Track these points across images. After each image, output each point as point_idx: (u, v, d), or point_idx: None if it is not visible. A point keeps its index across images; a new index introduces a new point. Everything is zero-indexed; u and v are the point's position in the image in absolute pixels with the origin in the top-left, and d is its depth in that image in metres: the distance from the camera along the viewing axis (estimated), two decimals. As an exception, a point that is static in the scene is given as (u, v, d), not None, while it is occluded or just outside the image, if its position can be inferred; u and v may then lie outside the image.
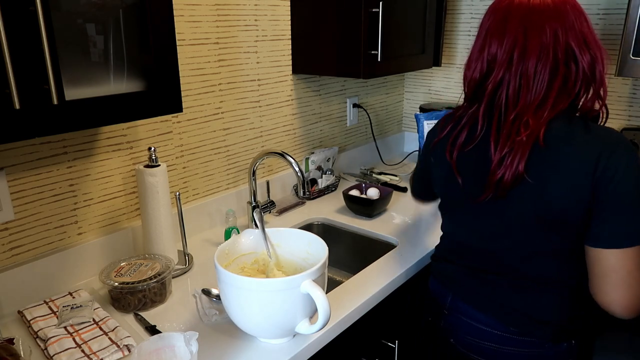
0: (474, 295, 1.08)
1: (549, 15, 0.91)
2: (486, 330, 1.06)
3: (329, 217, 1.64)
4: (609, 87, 1.79)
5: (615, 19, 1.72)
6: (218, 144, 1.52)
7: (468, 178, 1.02)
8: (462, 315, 1.10)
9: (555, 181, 0.90)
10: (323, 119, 1.93)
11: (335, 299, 1.14)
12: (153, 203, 1.22)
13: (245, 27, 1.52)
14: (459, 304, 1.11)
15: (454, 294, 1.12)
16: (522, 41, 0.92)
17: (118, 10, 0.91)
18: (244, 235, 1.11)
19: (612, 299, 0.90)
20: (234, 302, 0.94)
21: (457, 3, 2.07)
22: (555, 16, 0.91)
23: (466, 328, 1.10)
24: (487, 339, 1.07)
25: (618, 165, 0.86)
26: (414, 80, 2.33)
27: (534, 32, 0.92)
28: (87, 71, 0.89)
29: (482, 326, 1.07)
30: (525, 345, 1.03)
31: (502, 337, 1.04)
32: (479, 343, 1.08)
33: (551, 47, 0.91)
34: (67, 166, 1.19)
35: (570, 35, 0.91)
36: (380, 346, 1.29)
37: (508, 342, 1.04)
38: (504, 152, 0.93)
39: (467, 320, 1.09)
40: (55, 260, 1.18)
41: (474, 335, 1.09)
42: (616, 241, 0.87)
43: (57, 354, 0.94)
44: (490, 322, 1.05)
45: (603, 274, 0.90)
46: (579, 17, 0.92)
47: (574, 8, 0.93)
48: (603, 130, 0.92)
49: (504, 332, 1.04)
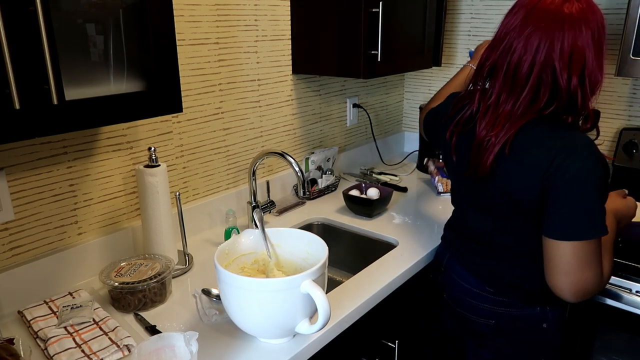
0: (463, 258, 1.22)
1: (562, 25, 0.94)
2: (469, 288, 1.19)
3: (329, 217, 1.64)
4: (609, 88, 1.79)
5: (615, 19, 1.72)
6: (218, 144, 1.52)
7: (460, 156, 1.13)
8: (453, 273, 1.24)
9: (515, 175, 1.01)
10: (323, 119, 1.93)
11: (335, 299, 1.14)
12: (153, 203, 1.22)
13: (245, 27, 1.52)
14: (453, 263, 1.25)
15: (450, 254, 1.27)
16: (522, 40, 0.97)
17: (118, 10, 0.91)
18: (244, 235, 1.11)
19: (554, 283, 0.99)
20: (234, 302, 0.94)
21: (457, 3, 2.07)
22: (567, 27, 0.94)
23: (455, 285, 1.23)
24: (470, 296, 1.19)
25: (571, 166, 0.93)
26: (414, 80, 2.33)
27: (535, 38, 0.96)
28: (87, 71, 0.89)
29: (465, 284, 1.20)
30: (500, 305, 1.15)
31: (481, 295, 1.17)
32: (464, 299, 1.21)
33: (539, 57, 0.96)
34: (67, 166, 1.19)
35: (563, 51, 0.94)
36: (380, 346, 1.29)
37: (486, 300, 1.16)
38: (485, 134, 1.03)
39: (456, 278, 1.23)
40: (55, 260, 1.18)
41: (460, 291, 1.22)
42: (555, 234, 0.96)
43: (57, 354, 0.94)
44: (472, 281, 1.19)
45: (548, 258, 1.00)
46: (593, 36, 0.95)
47: (595, 24, 0.95)
48: (570, 134, 0.97)
49: (482, 291, 1.17)
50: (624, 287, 1.34)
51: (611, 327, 1.41)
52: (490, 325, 1.17)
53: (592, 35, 0.94)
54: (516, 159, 1.00)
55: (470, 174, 1.08)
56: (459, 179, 1.19)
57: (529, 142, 0.99)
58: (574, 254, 0.95)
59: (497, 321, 1.16)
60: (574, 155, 0.93)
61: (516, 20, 0.99)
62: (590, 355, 1.48)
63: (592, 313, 1.41)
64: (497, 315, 1.16)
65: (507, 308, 1.14)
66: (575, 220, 0.94)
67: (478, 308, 1.18)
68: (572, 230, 0.94)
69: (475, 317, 1.20)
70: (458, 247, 1.24)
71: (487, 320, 1.17)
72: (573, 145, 0.94)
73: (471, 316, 1.20)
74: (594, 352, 1.47)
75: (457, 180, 1.22)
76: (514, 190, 1.02)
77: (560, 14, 0.94)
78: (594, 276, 0.96)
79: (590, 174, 0.93)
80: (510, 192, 1.03)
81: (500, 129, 1.00)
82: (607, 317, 1.39)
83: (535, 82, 0.97)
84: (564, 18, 0.94)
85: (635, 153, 1.71)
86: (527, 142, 0.99)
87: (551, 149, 0.95)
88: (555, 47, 0.94)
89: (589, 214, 0.94)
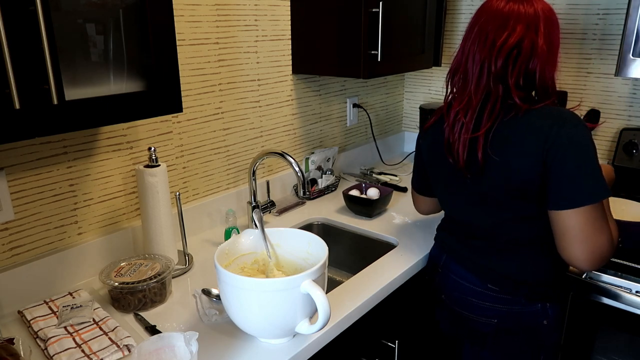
0: (462, 258, 1.22)
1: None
2: (469, 287, 1.20)
3: (329, 217, 1.64)
4: (609, 88, 1.79)
5: (615, 19, 1.72)
6: (218, 144, 1.52)
7: (458, 156, 1.14)
8: (452, 273, 1.24)
9: (514, 156, 1.03)
10: (323, 119, 1.93)
11: (335, 299, 1.14)
12: (153, 203, 1.22)
13: (245, 27, 1.52)
14: (450, 264, 1.25)
15: (447, 256, 1.27)
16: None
17: (118, 10, 0.91)
18: (244, 235, 1.11)
19: (571, 254, 1.03)
20: (234, 302, 0.94)
21: (457, 3, 2.07)
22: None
23: (454, 285, 1.24)
24: (471, 295, 1.20)
25: (566, 135, 0.98)
26: (414, 80, 2.33)
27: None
28: (87, 71, 0.89)
29: (465, 283, 1.20)
30: (502, 302, 1.15)
31: (482, 293, 1.17)
32: (464, 298, 1.21)
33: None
34: (67, 166, 1.19)
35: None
36: (380, 346, 1.29)
37: (487, 298, 1.17)
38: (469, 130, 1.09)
39: (455, 278, 1.23)
40: (55, 260, 1.18)
41: (460, 291, 1.22)
42: (565, 204, 0.99)
43: (57, 354, 0.94)
44: (473, 279, 1.19)
45: (561, 233, 1.02)
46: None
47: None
48: (555, 109, 1.03)
49: (483, 289, 1.17)
50: (624, 287, 1.34)
51: (611, 327, 1.41)
52: (492, 324, 1.18)
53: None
54: (511, 145, 1.04)
55: (466, 172, 1.12)
56: (453, 181, 1.18)
57: (519, 128, 1.03)
58: (586, 219, 0.98)
59: (499, 320, 1.16)
60: (566, 125, 0.98)
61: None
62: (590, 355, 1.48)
63: (592, 313, 1.41)
64: (498, 314, 1.16)
65: (510, 305, 1.15)
66: (581, 185, 0.98)
67: (479, 307, 1.19)
68: (581, 195, 0.98)
69: (475, 317, 1.20)
70: (456, 248, 1.24)
71: (489, 320, 1.18)
72: (563, 118, 1.00)
73: (472, 316, 1.21)
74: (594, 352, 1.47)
75: (451, 183, 1.20)
76: (515, 171, 1.04)
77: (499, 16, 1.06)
78: (607, 240, 1.01)
79: (585, 139, 0.98)
80: (511, 175, 1.05)
81: (485, 123, 1.06)
82: (607, 317, 1.39)
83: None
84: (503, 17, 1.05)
85: (635, 153, 1.71)
86: (517, 128, 1.04)
87: (544, 127, 1.00)
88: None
89: (593, 176, 0.98)
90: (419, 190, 1.40)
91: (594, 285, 1.38)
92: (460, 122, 1.10)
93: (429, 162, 1.27)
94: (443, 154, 1.16)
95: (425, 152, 1.27)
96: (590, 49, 1.80)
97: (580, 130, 0.98)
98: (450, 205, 1.26)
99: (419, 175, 1.37)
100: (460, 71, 1.12)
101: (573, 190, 0.98)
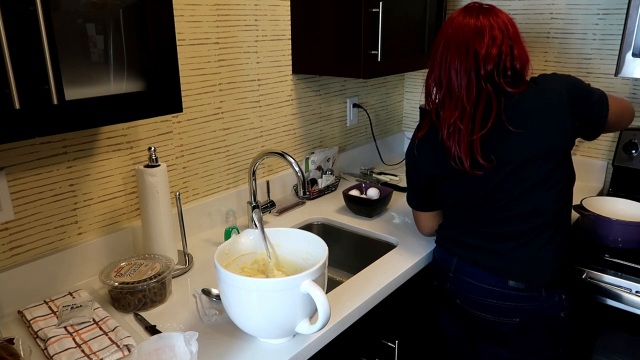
0: (477, 255, 1.21)
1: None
2: (488, 289, 1.19)
3: (329, 217, 1.64)
4: (609, 88, 1.79)
5: (615, 19, 1.72)
6: (218, 144, 1.52)
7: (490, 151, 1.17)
8: (466, 276, 1.23)
9: (540, 120, 1.12)
10: (323, 119, 1.93)
11: (335, 299, 1.14)
12: (153, 203, 1.22)
13: (245, 27, 1.52)
14: (464, 267, 1.24)
15: (458, 258, 1.25)
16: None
17: (118, 10, 0.91)
18: (244, 235, 1.11)
19: (627, 120, 1.28)
20: (234, 302, 0.94)
21: (457, 3, 2.07)
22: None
23: (471, 288, 1.22)
24: (490, 297, 1.19)
25: (570, 81, 1.16)
26: (414, 80, 2.33)
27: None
28: (87, 71, 0.89)
29: (484, 285, 1.20)
30: (524, 300, 1.17)
31: (502, 293, 1.18)
32: (482, 300, 1.21)
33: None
34: (67, 166, 1.19)
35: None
36: (380, 346, 1.29)
37: (509, 298, 1.17)
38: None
39: (471, 281, 1.22)
40: (55, 260, 1.18)
41: (477, 293, 1.21)
42: (602, 117, 1.19)
43: (57, 354, 0.94)
44: (492, 280, 1.18)
45: (615, 121, 1.23)
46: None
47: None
48: (540, 78, 1.18)
49: (503, 288, 1.17)
50: (624, 287, 1.34)
51: (611, 327, 1.41)
52: (514, 323, 1.18)
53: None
54: (531, 117, 1.13)
55: (474, 172, 1.15)
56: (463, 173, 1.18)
57: (532, 100, 1.14)
58: (616, 111, 1.21)
59: (521, 318, 1.17)
60: (558, 78, 1.16)
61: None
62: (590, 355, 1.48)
63: (592, 313, 1.41)
64: (521, 312, 1.17)
65: (531, 302, 1.16)
66: (601, 101, 1.19)
67: (500, 308, 1.18)
68: (605, 107, 1.19)
69: (496, 318, 1.19)
70: (466, 244, 1.23)
71: (511, 319, 1.18)
72: (551, 76, 1.18)
73: (492, 317, 1.20)
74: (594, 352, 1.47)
75: (461, 175, 1.19)
76: (547, 134, 1.12)
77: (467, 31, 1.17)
78: (626, 100, 1.30)
79: (576, 78, 1.18)
80: (541, 139, 1.12)
81: (480, 127, 1.14)
82: (607, 317, 1.39)
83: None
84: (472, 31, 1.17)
85: (635, 153, 1.71)
86: (531, 100, 1.14)
87: (546, 92, 1.14)
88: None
89: (595, 90, 1.20)
90: (420, 207, 1.37)
91: (595, 286, 1.38)
92: (457, 128, 1.14)
93: (433, 164, 1.24)
94: (445, 152, 1.18)
95: (426, 157, 1.25)
96: (590, 49, 1.80)
97: (567, 75, 1.18)
98: (465, 193, 1.21)
99: (417, 191, 1.35)
100: (443, 84, 1.17)
101: (601, 109, 1.18)
